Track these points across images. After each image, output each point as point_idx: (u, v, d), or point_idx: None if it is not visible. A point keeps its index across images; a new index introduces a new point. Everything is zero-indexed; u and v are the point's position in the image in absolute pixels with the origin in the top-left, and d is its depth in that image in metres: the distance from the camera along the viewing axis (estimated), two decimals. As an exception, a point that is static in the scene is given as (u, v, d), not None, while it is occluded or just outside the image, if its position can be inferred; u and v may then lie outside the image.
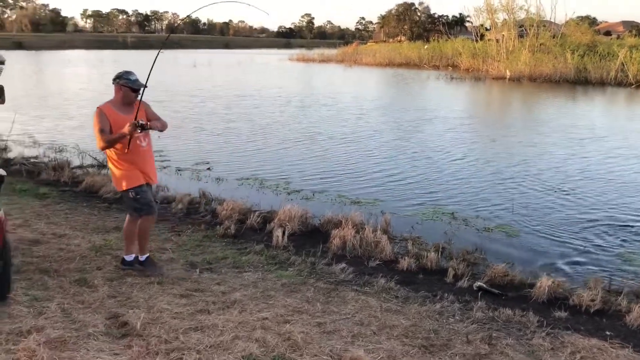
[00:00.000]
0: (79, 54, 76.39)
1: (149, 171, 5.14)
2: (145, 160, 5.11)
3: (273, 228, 6.83)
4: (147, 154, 5.13)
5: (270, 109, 20.04)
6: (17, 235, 6.03)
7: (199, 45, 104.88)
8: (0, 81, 5.28)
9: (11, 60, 4.61)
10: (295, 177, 10.35)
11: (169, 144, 13.15)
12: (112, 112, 4.94)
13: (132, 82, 4.98)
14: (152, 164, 5.24)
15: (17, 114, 17.00)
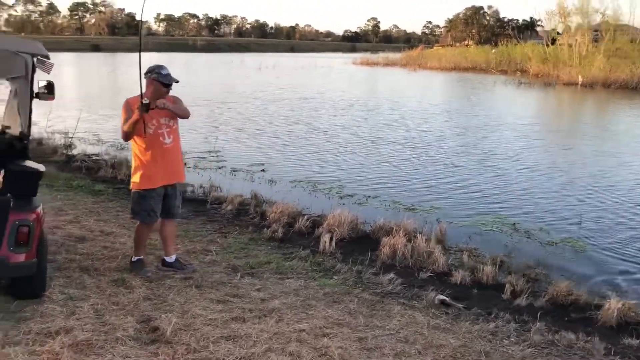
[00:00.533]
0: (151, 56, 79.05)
1: (171, 171, 4.92)
2: (168, 159, 4.90)
3: (321, 233, 6.57)
4: (171, 152, 4.91)
5: (331, 112, 19.82)
6: (65, 232, 6.06)
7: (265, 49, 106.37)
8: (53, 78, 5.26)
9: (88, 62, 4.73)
10: (350, 181, 10.08)
11: (228, 145, 13.18)
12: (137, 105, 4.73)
13: (163, 77, 4.81)
14: (177, 163, 5.02)
15: (86, 112, 17.59)
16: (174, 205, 5.06)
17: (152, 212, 4.90)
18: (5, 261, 3.76)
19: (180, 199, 5.16)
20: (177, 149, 5.02)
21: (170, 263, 5.15)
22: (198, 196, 8.48)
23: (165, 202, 4.99)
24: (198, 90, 28.14)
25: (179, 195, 5.11)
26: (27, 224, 3.90)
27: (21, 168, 3.97)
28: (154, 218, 4.94)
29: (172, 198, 5.02)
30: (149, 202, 4.86)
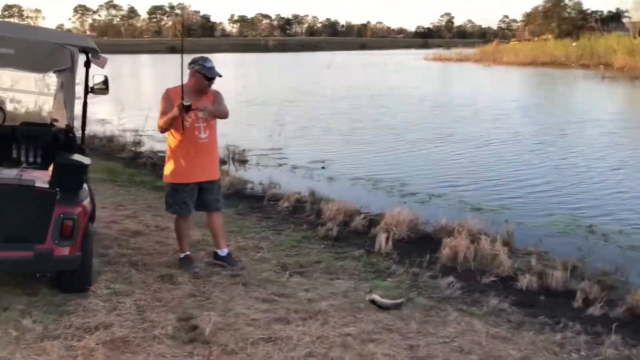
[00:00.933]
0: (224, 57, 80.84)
1: (204, 168, 4.78)
2: (201, 155, 4.76)
3: (377, 232, 6.30)
4: (206, 147, 4.77)
5: (400, 109, 19.34)
6: (121, 226, 6.10)
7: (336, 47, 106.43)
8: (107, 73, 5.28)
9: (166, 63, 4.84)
10: (415, 179, 9.71)
11: (291, 142, 13.11)
12: (178, 96, 4.62)
13: (207, 70, 4.66)
14: (211, 160, 4.87)
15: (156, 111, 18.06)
16: (212, 199, 4.93)
17: (185, 204, 4.80)
18: (49, 254, 3.74)
19: (219, 192, 5.02)
20: (213, 145, 4.89)
21: (222, 257, 5.03)
22: (257, 193, 8.40)
23: (202, 196, 4.88)
24: (266, 89, 28.42)
25: (217, 189, 4.97)
26: (72, 217, 3.87)
27: (67, 161, 3.95)
28: (186, 210, 4.84)
29: (208, 192, 4.89)
30: (181, 195, 4.77)
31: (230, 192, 8.30)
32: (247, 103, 21.37)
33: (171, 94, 4.68)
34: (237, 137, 13.77)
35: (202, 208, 4.95)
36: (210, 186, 4.88)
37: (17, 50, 3.79)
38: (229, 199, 7.94)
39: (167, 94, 4.70)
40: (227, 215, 6.98)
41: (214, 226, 5.03)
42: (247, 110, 19.44)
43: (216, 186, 4.96)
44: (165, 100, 4.66)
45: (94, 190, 7.57)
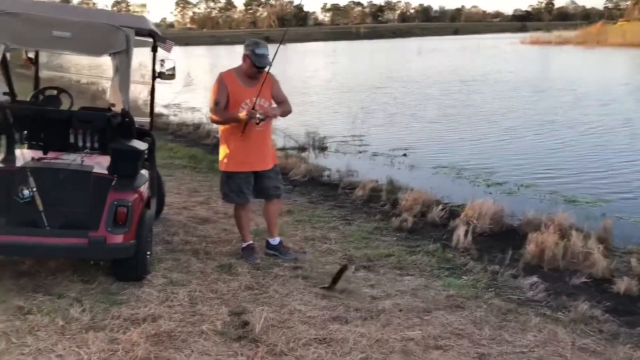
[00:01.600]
0: (316, 46, 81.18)
1: (258, 156, 4.57)
2: (256, 144, 4.54)
3: (457, 225, 5.83)
4: (260, 136, 4.55)
5: (495, 95, 18.28)
6: (191, 213, 6.04)
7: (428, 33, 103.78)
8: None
9: None
10: (504, 168, 9.07)
11: (374, 129, 12.74)
12: (232, 81, 4.46)
13: (255, 57, 4.36)
14: (265, 148, 4.65)
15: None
16: (270, 186, 4.71)
17: (241, 192, 4.61)
18: (102, 242, 3.66)
19: (278, 179, 4.80)
20: (267, 133, 4.68)
21: (274, 246, 4.85)
22: (332, 181, 8.13)
23: (259, 183, 4.68)
24: (356, 76, 28.07)
25: (274, 176, 4.74)
26: (126, 204, 3.77)
27: (121, 147, 3.86)
28: (243, 198, 4.65)
29: (265, 179, 4.68)
30: (236, 182, 4.59)
31: (305, 179, 8.11)
32: (334, 90, 21.18)
33: (225, 79, 4.48)
34: (320, 124, 13.61)
35: (260, 195, 4.76)
36: (267, 173, 4.68)
37: (74, 33, 3.73)
38: (303, 186, 7.77)
39: (220, 79, 4.50)
40: (299, 204, 6.79)
41: (269, 213, 4.84)
42: (334, 97, 19.24)
43: (273, 172, 4.73)
44: (219, 86, 4.47)
45: (171, 177, 7.72)
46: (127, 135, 4.04)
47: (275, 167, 4.77)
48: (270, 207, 4.82)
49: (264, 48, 4.38)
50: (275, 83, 4.66)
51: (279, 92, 4.67)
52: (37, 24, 3.70)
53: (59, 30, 3.71)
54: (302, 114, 15.29)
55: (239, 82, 4.48)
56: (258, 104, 4.44)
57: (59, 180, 3.89)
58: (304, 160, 9.24)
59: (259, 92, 4.40)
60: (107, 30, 3.77)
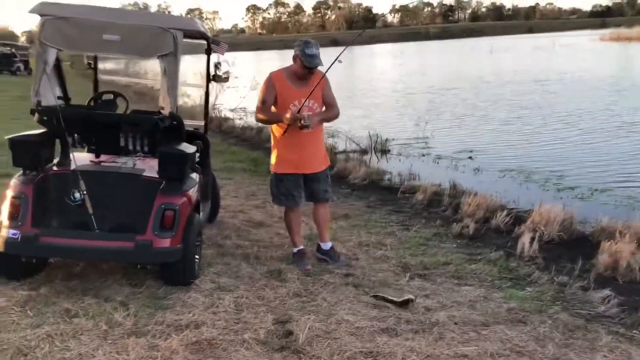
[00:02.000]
0: (384, 47, 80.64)
1: (308, 159, 4.46)
2: (305, 146, 4.43)
3: (522, 232, 5.49)
4: (310, 138, 4.41)
5: (570, 95, 17.35)
6: (246, 216, 6.00)
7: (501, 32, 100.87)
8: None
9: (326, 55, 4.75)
10: (576, 172, 8.53)
11: (440, 131, 12.41)
12: (281, 81, 4.36)
13: (306, 57, 4.23)
14: (315, 151, 4.52)
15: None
16: (319, 190, 4.60)
17: (290, 195, 4.51)
18: (149, 246, 3.64)
19: (327, 182, 4.65)
20: (317, 135, 4.53)
21: (325, 251, 4.72)
22: (392, 185, 7.91)
23: (309, 186, 4.58)
24: (424, 77, 27.58)
25: (324, 179, 4.61)
26: (173, 207, 3.74)
27: (168, 150, 3.84)
28: (293, 202, 4.54)
29: (315, 182, 4.57)
30: (285, 185, 4.50)
31: (365, 183, 7.93)
32: (401, 92, 20.84)
33: (274, 79, 4.40)
34: (384, 126, 13.39)
35: (311, 198, 4.67)
36: (316, 176, 4.56)
37: (122, 36, 3.74)
38: (362, 190, 7.60)
39: (269, 79, 4.42)
40: (356, 208, 6.63)
41: (319, 217, 4.73)
42: (400, 99, 18.93)
43: (324, 175, 4.61)
44: (267, 85, 4.39)
45: (230, 180, 7.73)
46: (176, 138, 4.01)
47: (326, 170, 4.65)
48: (319, 211, 4.71)
49: (314, 48, 4.26)
50: (327, 84, 4.54)
51: (329, 94, 4.55)
52: (87, 28, 3.74)
53: (108, 34, 3.73)
54: (366, 117, 15.13)
55: (288, 83, 4.39)
56: (306, 105, 4.33)
57: (109, 184, 3.91)
58: (364, 164, 9.06)
59: (310, 93, 4.30)
60: (155, 32, 3.76)
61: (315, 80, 4.39)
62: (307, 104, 4.35)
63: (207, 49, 5.18)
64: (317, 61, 4.25)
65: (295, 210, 4.63)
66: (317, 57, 4.26)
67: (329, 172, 4.71)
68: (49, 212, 3.83)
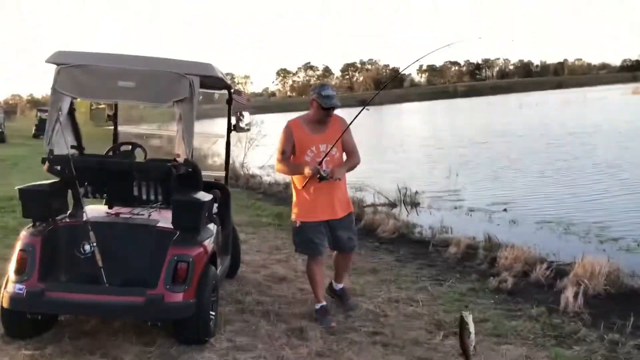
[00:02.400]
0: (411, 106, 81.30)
1: (328, 204, 4.27)
2: (324, 193, 4.25)
3: (565, 286, 5.08)
4: (329, 185, 4.20)
5: (608, 146, 16.83)
6: (269, 271, 5.73)
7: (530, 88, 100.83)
8: None
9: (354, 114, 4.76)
10: (619, 223, 8.08)
11: (473, 184, 12.07)
12: (299, 129, 4.26)
13: (322, 99, 4.12)
14: (334, 196, 4.30)
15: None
16: (343, 238, 4.40)
17: (312, 243, 4.29)
18: (160, 300, 3.40)
19: (351, 229, 4.46)
20: (337, 181, 4.26)
21: (336, 291, 4.65)
22: (423, 238, 7.56)
23: (334, 234, 4.37)
24: (454, 132, 27.40)
25: (348, 226, 4.42)
26: (187, 259, 3.51)
27: (182, 198, 3.65)
28: (315, 250, 4.31)
29: (337, 230, 4.36)
30: (306, 233, 4.30)
31: (394, 236, 7.60)
32: (432, 146, 20.64)
33: (292, 127, 4.30)
34: (413, 180, 13.11)
35: (335, 247, 4.47)
36: (339, 223, 4.35)
37: (138, 83, 3.64)
38: (391, 244, 7.27)
39: (287, 128, 4.31)
40: (385, 262, 6.30)
41: (339, 262, 4.62)
42: (432, 153, 18.72)
43: (347, 222, 4.42)
44: (286, 135, 4.28)
45: (254, 234, 7.52)
46: (192, 187, 3.83)
47: (350, 215, 4.46)
48: (341, 260, 4.58)
49: (330, 90, 4.19)
50: (348, 133, 4.37)
51: (350, 140, 4.39)
52: (102, 75, 3.66)
53: (123, 81, 3.64)
54: (396, 171, 14.90)
55: (306, 129, 4.30)
56: (325, 152, 4.21)
57: (120, 235, 3.73)
58: (394, 217, 8.75)
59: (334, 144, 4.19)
60: (170, 78, 3.66)
61: (333, 124, 4.27)
62: (326, 150, 4.22)
63: (229, 98, 5.10)
64: (334, 101, 4.15)
65: (318, 260, 4.38)
66: (334, 97, 4.16)
67: (353, 219, 4.51)
68: (57, 265, 3.65)
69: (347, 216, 4.40)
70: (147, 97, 3.75)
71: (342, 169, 4.26)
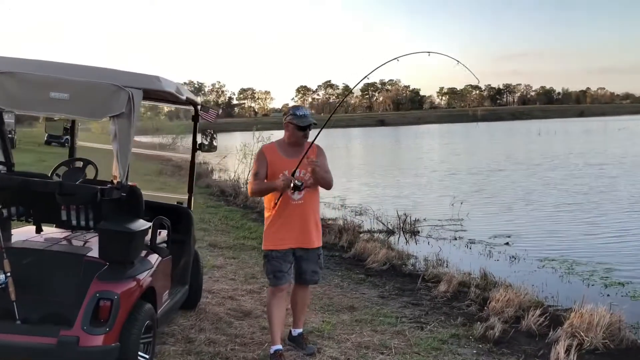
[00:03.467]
0: (430, 128, 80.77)
1: (294, 232, 3.93)
2: (293, 218, 3.92)
3: (558, 337, 4.55)
4: (298, 210, 3.93)
5: (629, 181, 16.16)
6: (236, 304, 5.26)
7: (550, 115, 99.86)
8: None
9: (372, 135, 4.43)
10: (627, 265, 7.50)
11: (478, 214, 11.53)
12: (272, 153, 3.98)
13: (298, 118, 3.92)
14: (306, 225, 3.97)
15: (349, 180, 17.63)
16: (307, 271, 4.05)
17: (279, 272, 3.93)
18: (73, 344, 2.95)
19: (316, 263, 4.07)
20: (309, 208, 4.00)
21: (293, 337, 4.21)
22: (417, 271, 7.05)
23: (296, 265, 4.03)
24: (470, 158, 26.81)
25: (315, 259, 4.06)
26: (111, 297, 3.07)
27: (109, 226, 3.21)
28: (280, 280, 3.94)
29: (303, 261, 4.02)
30: (272, 262, 3.94)
31: (384, 267, 7.11)
32: (444, 172, 20.09)
33: (265, 152, 4.02)
34: (418, 205, 12.63)
35: (296, 278, 4.11)
36: (306, 254, 4.01)
37: (72, 95, 3.24)
38: (379, 276, 6.77)
39: (260, 152, 4.07)
40: (366, 298, 5.81)
41: (297, 300, 4.22)
42: (444, 179, 18.20)
43: (315, 255, 4.05)
44: (258, 158, 4.03)
45: (234, 259, 7.06)
46: (131, 213, 3.40)
47: (319, 249, 4.07)
48: (299, 293, 4.18)
49: (302, 109, 4.03)
50: (321, 154, 4.05)
51: (323, 163, 4.02)
52: (33, 84, 3.25)
53: (56, 92, 3.23)
54: (403, 196, 14.42)
55: (279, 153, 4.00)
56: (297, 175, 3.89)
57: (42, 264, 3.30)
58: (388, 245, 8.25)
59: (299, 162, 3.78)
60: (107, 90, 3.24)
61: (309, 151, 3.93)
62: (298, 174, 3.90)
63: (194, 115, 4.71)
64: (308, 119, 3.95)
65: (281, 292, 3.98)
66: (309, 116, 3.98)
67: (321, 253, 4.11)
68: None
69: (317, 249, 4.05)
70: (81, 111, 3.34)
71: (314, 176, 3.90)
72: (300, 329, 4.25)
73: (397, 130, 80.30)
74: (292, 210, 3.90)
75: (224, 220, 10.14)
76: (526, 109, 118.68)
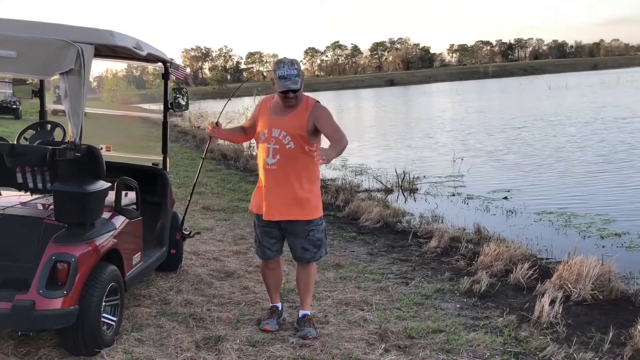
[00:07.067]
0: (441, 87, 79.58)
1: (270, 201, 3.54)
2: (269, 185, 3.54)
3: (546, 289, 4.44)
4: (271, 175, 3.53)
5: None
6: (220, 264, 5.19)
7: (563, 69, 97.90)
8: None
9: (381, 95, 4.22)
10: (627, 217, 7.32)
11: (479, 170, 11.33)
12: (264, 107, 3.68)
13: (277, 81, 3.41)
14: (281, 193, 3.51)
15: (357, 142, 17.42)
16: (295, 246, 3.67)
17: (260, 244, 3.73)
18: (29, 308, 2.88)
19: (307, 239, 3.61)
20: (288, 174, 3.50)
21: (298, 319, 3.81)
22: (410, 227, 6.94)
23: (288, 240, 3.71)
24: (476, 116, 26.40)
25: (303, 234, 3.61)
26: (67, 259, 2.99)
27: (62, 187, 3.10)
28: (263, 254, 3.74)
29: (288, 235, 3.67)
30: (256, 230, 3.77)
31: (377, 225, 7.01)
32: (454, 130, 19.74)
33: (260, 105, 3.77)
34: (419, 163, 12.45)
35: (293, 255, 3.82)
36: (291, 227, 3.61)
37: (19, 52, 3.09)
38: (370, 234, 6.68)
39: (258, 104, 3.82)
40: (354, 256, 5.72)
41: (298, 278, 3.84)
42: (446, 136, 17.93)
43: (301, 229, 3.59)
44: (254, 111, 3.83)
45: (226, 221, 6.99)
46: (90, 174, 3.29)
47: (310, 223, 3.60)
48: (299, 271, 3.82)
49: (286, 68, 3.39)
50: (322, 114, 3.52)
51: (326, 125, 3.48)
52: (-24, 42, 3.11)
53: (2, 49, 3.09)
54: (405, 156, 14.22)
55: (269, 109, 3.63)
56: (276, 138, 3.51)
57: (1, 228, 3.22)
58: (383, 204, 8.12)
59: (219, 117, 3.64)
60: (55, 46, 3.09)
61: (300, 109, 3.52)
62: (275, 135, 3.52)
63: (165, 73, 4.55)
64: (288, 83, 3.37)
65: (267, 263, 3.81)
66: (289, 78, 3.37)
67: (315, 227, 3.62)
68: None
69: (304, 222, 3.58)
70: (29, 69, 3.19)
71: (331, 151, 3.26)
72: (306, 311, 3.78)
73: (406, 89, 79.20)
74: (266, 176, 3.55)
75: (221, 184, 10.05)
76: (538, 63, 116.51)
